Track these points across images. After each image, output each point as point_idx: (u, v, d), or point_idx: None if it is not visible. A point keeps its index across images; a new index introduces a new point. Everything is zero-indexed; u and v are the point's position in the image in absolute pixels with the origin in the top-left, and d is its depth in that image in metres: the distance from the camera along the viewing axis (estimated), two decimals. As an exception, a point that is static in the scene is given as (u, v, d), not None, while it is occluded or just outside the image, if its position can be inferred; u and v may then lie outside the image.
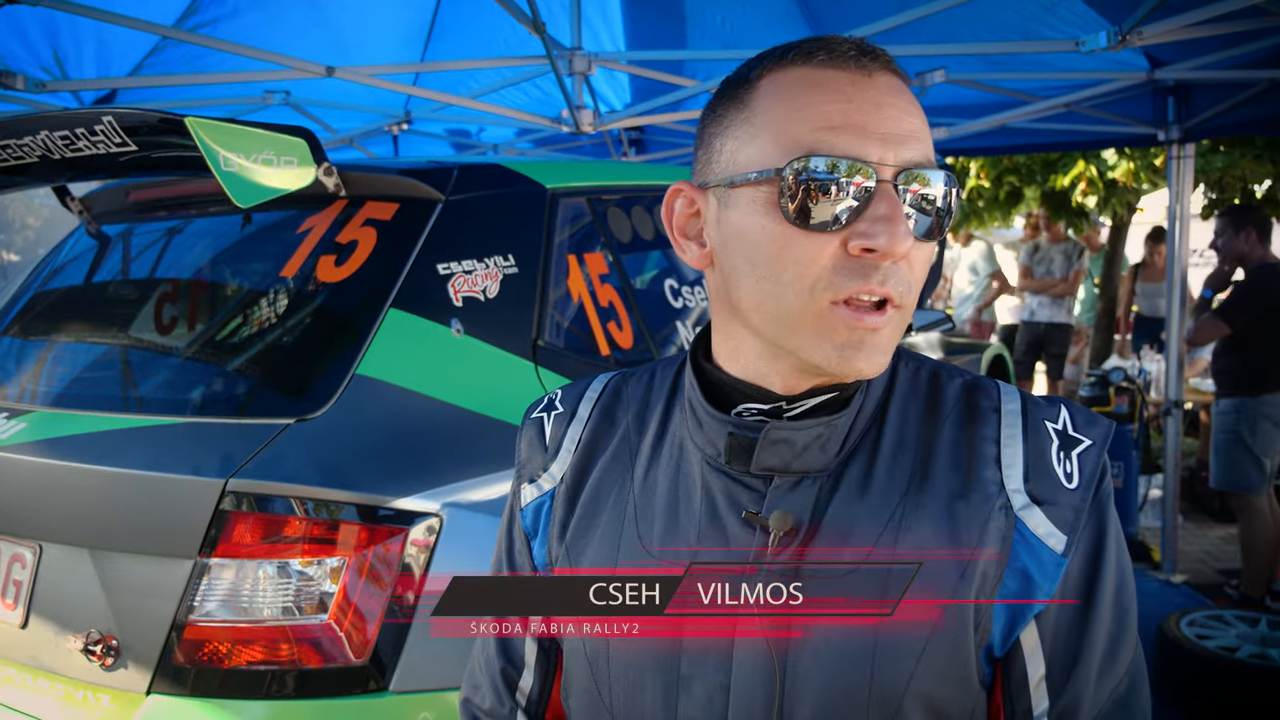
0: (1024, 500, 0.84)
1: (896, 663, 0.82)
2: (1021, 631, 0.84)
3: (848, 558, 0.84)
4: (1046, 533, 0.83)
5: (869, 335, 0.79)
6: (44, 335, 2.16)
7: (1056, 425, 0.87)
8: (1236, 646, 3.45)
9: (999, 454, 0.86)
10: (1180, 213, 4.65)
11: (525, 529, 1.03)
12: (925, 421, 0.89)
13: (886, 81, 0.80)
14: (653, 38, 4.71)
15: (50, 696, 1.67)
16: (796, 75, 0.81)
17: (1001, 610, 0.83)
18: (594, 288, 2.20)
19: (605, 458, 0.99)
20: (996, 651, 0.85)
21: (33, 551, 1.71)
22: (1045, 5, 3.58)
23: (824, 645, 0.83)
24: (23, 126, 1.80)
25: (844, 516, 0.86)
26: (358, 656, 1.54)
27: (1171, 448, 4.76)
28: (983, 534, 0.83)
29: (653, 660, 0.89)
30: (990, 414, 0.89)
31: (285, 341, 1.82)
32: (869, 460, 0.88)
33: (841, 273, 0.78)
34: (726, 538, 0.88)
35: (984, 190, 8.77)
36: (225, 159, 1.67)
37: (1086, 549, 0.85)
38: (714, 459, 0.90)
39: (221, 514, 1.54)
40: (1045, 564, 0.83)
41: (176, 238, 2.25)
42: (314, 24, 4.29)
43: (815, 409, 0.87)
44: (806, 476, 0.87)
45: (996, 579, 0.83)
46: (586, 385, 1.06)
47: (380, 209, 1.97)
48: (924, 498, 0.85)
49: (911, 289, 0.81)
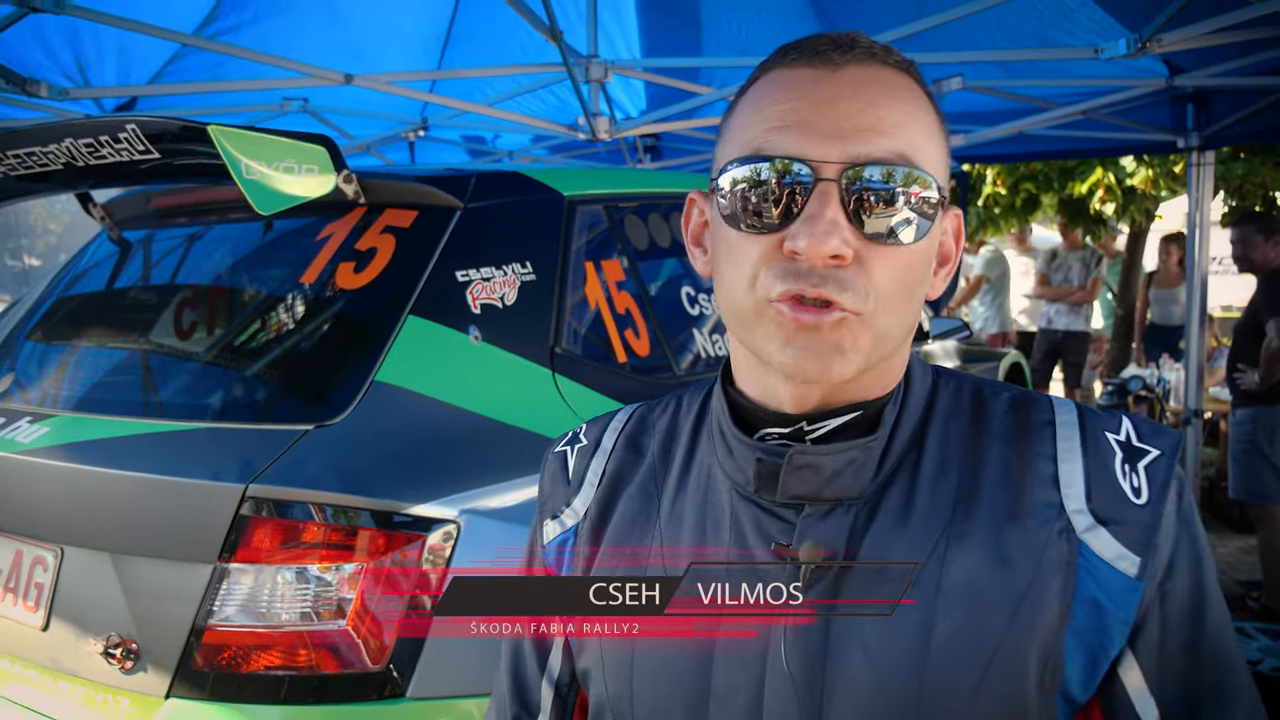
0: (1088, 521, 0.76)
1: (942, 709, 0.74)
2: (1122, 670, 0.76)
3: (886, 593, 0.77)
4: (1115, 555, 0.75)
5: (811, 333, 0.73)
6: (66, 340, 2.18)
7: (1119, 436, 0.79)
8: (1259, 660, 3.42)
9: (1056, 472, 0.78)
10: (1200, 220, 4.62)
11: (548, 566, 0.97)
12: (970, 441, 0.82)
13: (854, 74, 0.75)
14: (668, 45, 4.72)
15: (70, 699, 1.68)
16: (770, 77, 0.79)
17: (1075, 647, 0.75)
18: (611, 295, 2.21)
19: (631, 489, 0.93)
20: (1077, 694, 0.77)
21: (54, 555, 1.72)
22: (1063, 12, 3.57)
23: (861, 689, 0.76)
24: (48, 134, 1.82)
25: (882, 548, 0.78)
26: (375, 663, 1.55)
27: (1190, 457, 4.73)
28: (1040, 563, 0.75)
29: (679, 704, 0.83)
30: (1044, 428, 0.81)
31: (304, 348, 1.83)
32: (909, 485, 0.80)
33: (774, 272, 0.74)
34: (756, 572, 0.81)
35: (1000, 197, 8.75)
36: (247, 167, 1.68)
37: (1187, 572, 0.77)
38: (743, 487, 0.84)
39: (241, 519, 1.54)
40: (1117, 591, 0.75)
41: (197, 244, 2.27)
42: (332, 32, 4.32)
43: (842, 430, 0.81)
44: (840, 504, 0.80)
45: (1062, 612, 0.75)
46: (611, 417, 1.01)
47: (399, 216, 1.98)
48: (971, 525, 0.78)
49: (868, 296, 0.73)
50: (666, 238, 2.49)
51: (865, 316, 0.74)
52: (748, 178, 0.75)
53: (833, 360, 0.74)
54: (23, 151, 1.87)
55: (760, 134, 0.76)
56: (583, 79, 3.73)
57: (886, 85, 0.76)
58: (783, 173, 0.73)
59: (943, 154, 0.80)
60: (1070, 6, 3.52)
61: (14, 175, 1.96)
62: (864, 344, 0.75)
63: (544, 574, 0.97)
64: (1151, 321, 7.93)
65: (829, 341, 0.74)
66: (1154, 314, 7.89)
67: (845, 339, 0.74)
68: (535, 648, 0.98)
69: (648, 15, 4.60)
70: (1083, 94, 4.34)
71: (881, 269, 0.74)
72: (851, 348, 0.74)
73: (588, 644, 0.90)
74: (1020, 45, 3.87)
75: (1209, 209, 4.74)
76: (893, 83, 0.76)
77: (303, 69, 3.58)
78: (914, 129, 0.75)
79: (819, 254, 0.72)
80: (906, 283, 0.76)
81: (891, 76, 0.77)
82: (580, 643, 0.92)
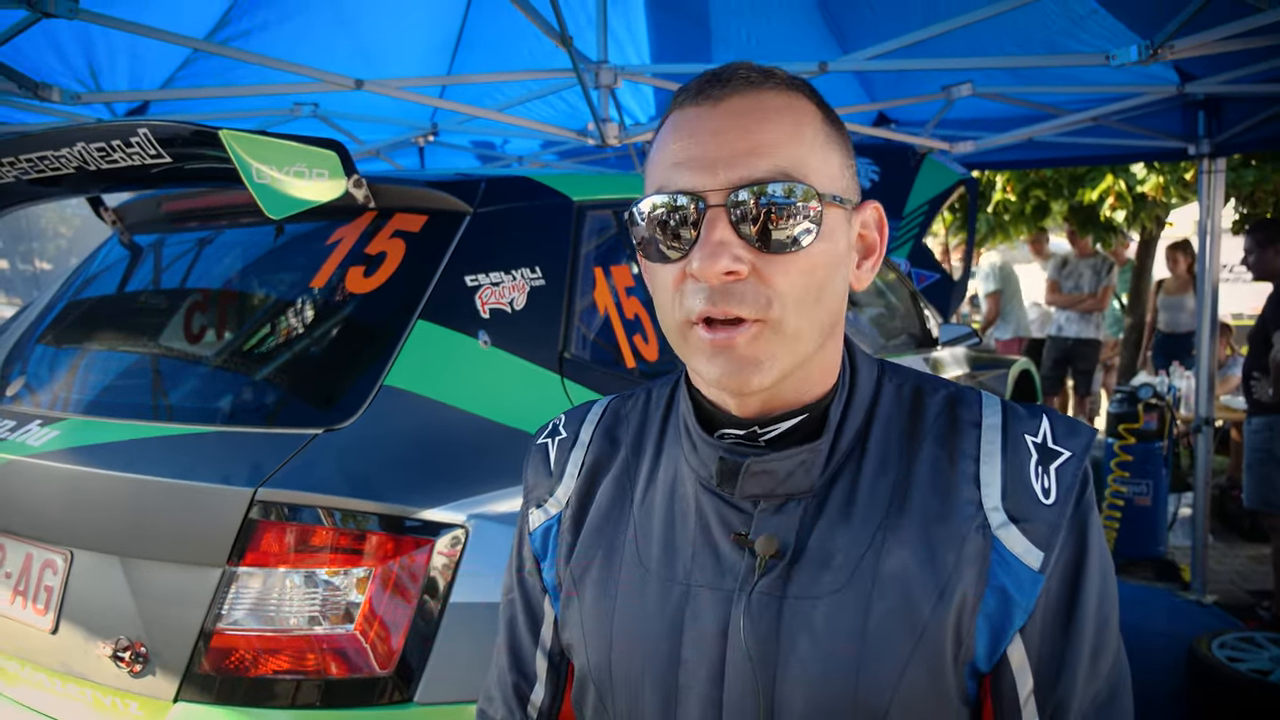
0: (1001, 519, 0.85)
1: (878, 682, 0.84)
2: (1008, 647, 0.86)
3: (830, 580, 0.87)
4: (1024, 550, 0.85)
5: (728, 351, 0.82)
6: (76, 344, 2.19)
7: (1036, 439, 0.89)
8: (1269, 670, 3.38)
9: (978, 472, 0.88)
10: (1211, 228, 4.60)
11: (535, 551, 1.07)
12: (907, 439, 0.91)
13: (733, 104, 0.83)
14: (678, 51, 4.72)
15: (79, 702, 1.68)
16: (670, 120, 0.88)
17: (983, 628, 0.85)
18: (620, 300, 2.21)
19: (607, 480, 1.03)
20: (981, 667, 0.87)
21: (64, 558, 1.73)
22: (1074, 19, 3.56)
23: (809, 664, 0.85)
24: (60, 139, 1.82)
25: (827, 540, 0.88)
26: (383, 667, 1.55)
27: (1202, 466, 4.70)
28: (960, 555, 0.85)
29: (651, 675, 0.92)
30: (970, 429, 0.90)
31: (314, 352, 1.83)
32: (852, 482, 0.90)
33: (686, 294, 0.83)
34: (719, 558, 0.91)
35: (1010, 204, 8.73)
36: (258, 171, 1.69)
37: (1066, 564, 0.86)
38: (706, 481, 0.93)
39: (250, 523, 1.55)
40: (1023, 581, 0.84)
41: (207, 248, 2.28)
42: (343, 37, 4.34)
43: (792, 430, 0.90)
44: (791, 499, 0.89)
45: (976, 598, 0.85)
46: (588, 409, 1.10)
47: (409, 221, 1.98)
48: (903, 519, 0.87)
49: (773, 303, 0.81)
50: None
51: (772, 323, 0.81)
52: (653, 212, 0.84)
53: (749, 373, 0.82)
54: (35, 155, 1.88)
55: (661, 173, 0.85)
56: (592, 84, 3.73)
57: (764, 110, 0.83)
58: (677, 205, 0.82)
59: (837, 161, 0.87)
60: (1080, 13, 3.51)
61: (26, 179, 1.97)
62: (778, 350, 0.83)
63: (531, 556, 1.07)
64: (1159, 329, 7.90)
65: (744, 356, 0.82)
66: (1162, 321, 7.86)
67: (760, 350, 0.82)
68: (528, 622, 1.07)
69: (657, 21, 4.60)
70: (1093, 100, 4.33)
71: (781, 276, 0.81)
72: (767, 357, 0.82)
73: (571, 620, 1.00)
74: (1030, 51, 3.86)
75: (1220, 216, 4.72)
76: (771, 105, 0.84)
77: (313, 74, 3.59)
78: (795, 145, 0.83)
79: (713, 272, 0.80)
80: (810, 284, 0.83)
81: (771, 100, 0.84)
82: (565, 619, 1.02)
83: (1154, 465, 5.02)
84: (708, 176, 0.81)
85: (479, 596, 1.62)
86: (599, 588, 0.98)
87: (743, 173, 0.81)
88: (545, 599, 1.07)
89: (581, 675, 1.00)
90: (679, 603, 0.92)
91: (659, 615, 0.92)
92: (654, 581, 0.94)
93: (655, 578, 0.94)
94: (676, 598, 0.92)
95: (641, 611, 0.94)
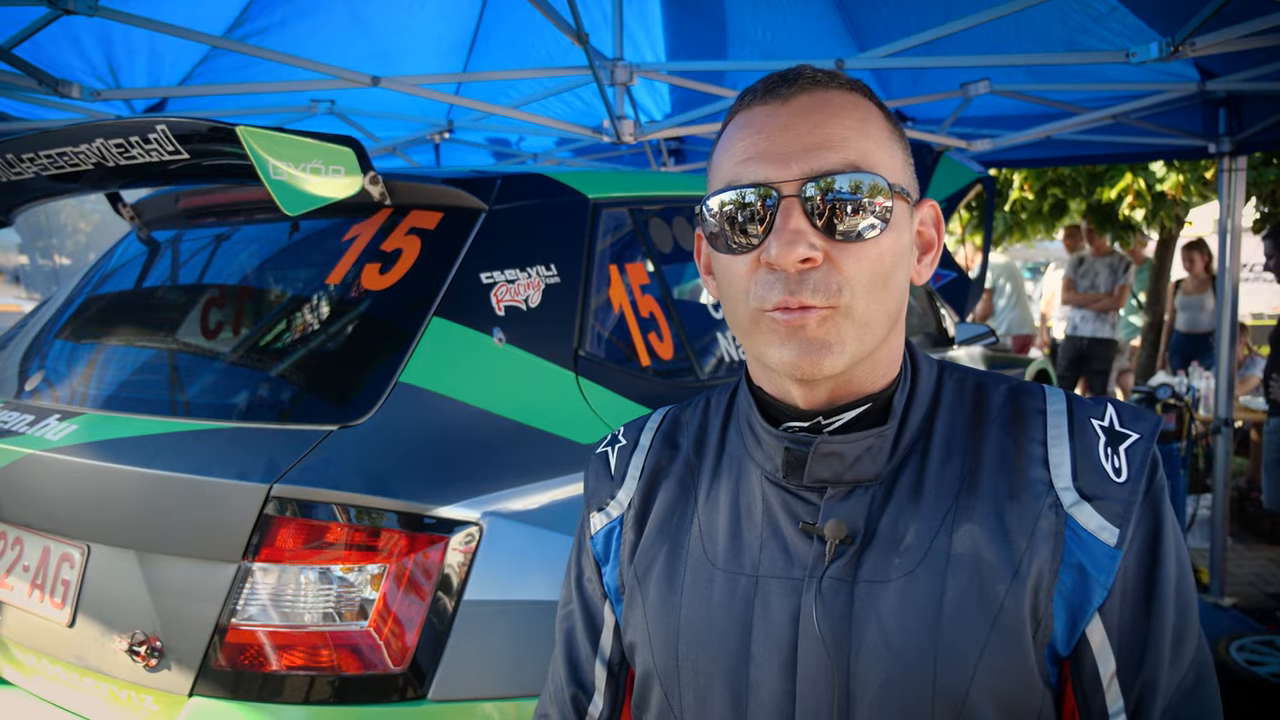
0: (1074, 497, 0.86)
1: (957, 663, 0.84)
2: (1087, 627, 0.85)
3: (902, 563, 0.87)
4: (1098, 527, 0.85)
5: (800, 333, 0.84)
6: (94, 339, 2.20)
7: (1103, 422, 0.89)
8: (1288, 673, 3.36)
9: (1046, 454, 0.89)
10: (1231, 227, 4.55)
11: (596, 555, 1.08)
12: (972, 428, 0.93)
13: (803, 101, 0.87)
14: (693, 48, 4.71)
15: (95, 696, 1.69)
16: (736, 120, 0.91)
17: (1061, 607, 0.85)
18: (635, 298, 2.20)
19: (669, 481, 1.04)
20: (1061, 650, 0.86)
21: (81, 552, 1.74)
22: (1093, 16, 3.53)
23: (884, 647, 0.85)
24: (79, 135, 1.83)
25: (897, 523, 0.89)
26: (396, 664, 1.55)
27: (1221, 467, 4.66)
28: (1034, 532, 0.85)
29: (721, 670, 0.92)
30: (1035, 415, 0.92)
31: (329, 348, 1.84)
32: (919, 469, 0.91)
33: (759, 284, 0.85)
34: (787, 548, 0.92)
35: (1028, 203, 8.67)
36: (274, 167, 1.69)
37: (1143, 541, 0.86)
38: (772, 474, 0.94)
39: (265, 519, 1.55)
40: (1099, 558, 0.84)
41: (224, 244, 2.29)
42: (359, 35, 4.35)
43: (855, 421, 0.91)
44: (859, 485, 0.91)
45: (1052, 575, 0.85)
46: (647, 418, 1.13)
47: (425, 218, 1.98)
48: (974, 500, 0.88)
49: (842, 290, 0.83)
50: (691, 241, 2.48)
51: (843, 308, 0.84)
52: (725, 205, 0.87)
53: (822, 355, 0.84)
54: (54, 152, 1.89)
55: (731, 168, 0.88)
56: (608, 82, 3.73)
57: (831, 106, 0.87)
58: (752, 197, 0.85)
59: (900, 157, 0.90)
60: (1100, 10, 3.48)
61: (45, 175, 1.98)
62: (848, 335, 0.85)
63: (591, 562, 1.09)
64: (1177, 329, 7.83)
65: (816, 339, 0.84)
66: (1180, 321, 7.79)
67: (830, 334, 0.84)
68: (587, 630, 1.07)
69: (673, 19, 4.60)
70: (1112, 98, 4.29)
71: (851, 263, 0.84)
72: (837, 341, 0.84)
73: (635, 620, 1.00)
74: (1048, 49, 3.83)
75: (1240, 215, 4.67)
76: (838, 103, 0.87)
77: (330, 71, 3.60)
78: (862, 139, 0.86)
79: (790, 260, 0.82)
80: (879, 273, 0.85)
81: (837, 98, 0.88)
82: (628, 619, 1.02)
83: (1172, 466, 4.97)
84: (780, 169, 0.84)
85: (493, 594, 1.63)
86: (664, 585, 0.98)
87: (815, 164, 0.83)
88: (605, 605, 1.07)
89: (645, 676, 0.99)
90: (747, 595, 0.92)
91: (726, 609, 0.92)
92: (721, 576, 0.94)
93: (722, 572, 0.94)
94: (744, 590, 0.92)
95: (708, 606, 0.94)
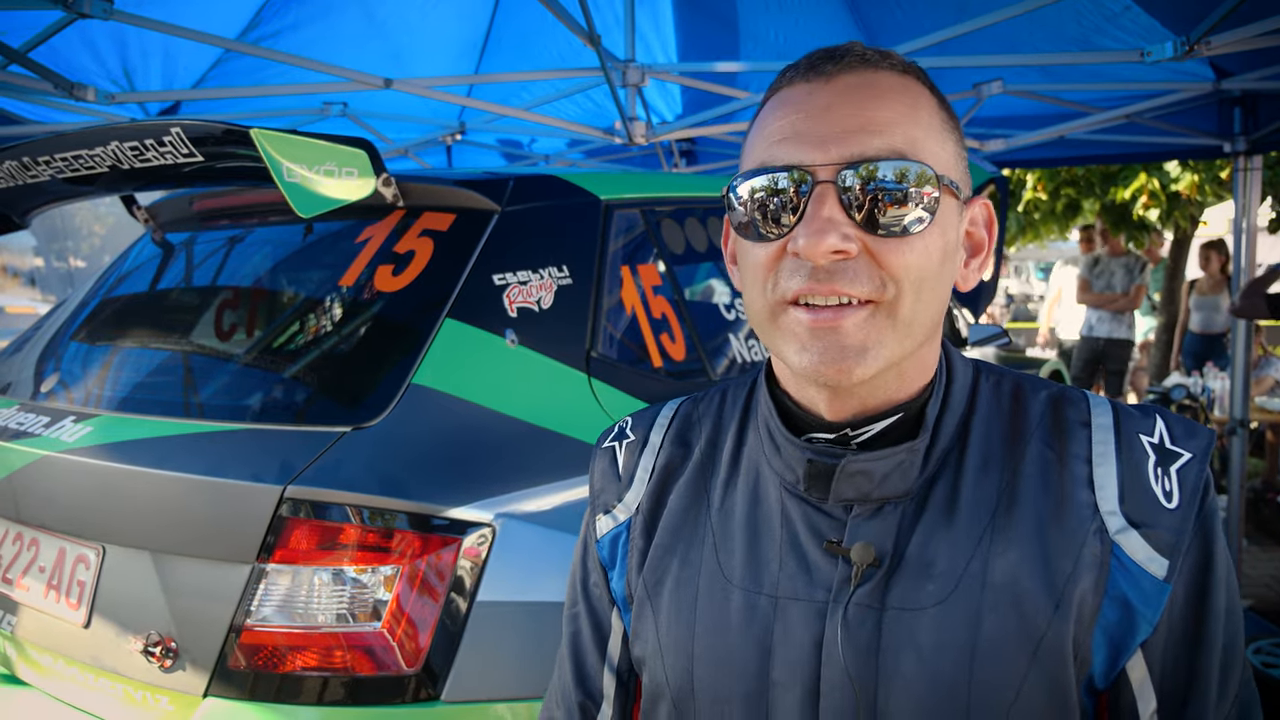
0: (1120, 523, 0.79)
1: (993, 699, 0.77)
2: (1127, 663, 0.79)
3: (934, 590, 0.79)
4: (1146, 558, 0.78)
5: (830, 335, 0.75)
6: (109, 341, 2.21)
7: (1152, 439, 0.82)
8: (1305, 677, 3.33)
9: (1091, 474, 0.80)
10: (1246, 226, 4.52)
11: (602, 561, 1.00)
12: (1010, 439, 0.84)
13: (847, 81, 0.79)
14: (705, 49, 4.70)
15: (111, 696, 1.70)
16: (774, 99, 0.83)
17: (1101, 641, 0.78)
18: (647, 299, 2.20)
19: (681, 484, 0.96)
20: (1099, 684, 0.80)
21: (96, 553, 1.75)
22: (1107, 15, 3.51)
23: (915, 681, 0.79)
24: (95, 138, 1.84)
25: (928, 545, 0.81)
26: (410, 665, 1.55)
27: (1236, 468, 4.62)
28: (1078, 561, 0.78)
29: (740, 696, 0.85)
30: (1079, 429, 0.83)
31: (343, 350, 1.84)
32: (952, 484, 0.83)
33: (784, 273, 0.77)
34: (809, 568, 0.84)
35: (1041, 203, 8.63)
36: (288, 170, 1.70)
37: (1192, 571, 0.79)
38: (792, 485, 0.87)
39: (279, 520, 1.56)
40: (1146, 591, 0.78)
41: (238, 246, 2.30)
42: (372, 37, 4.36)
43: (885, 432, 0.83)
44: (888, 502, 0.83)
45: (1094, 608, 0.78)
46: (657, 412, 1.04)
47: (437, 219, 1.99)
48: (1013, 521, 0.80)
49: (887, 285, 0.75)
50: (703, 242, 2.47)
51: (886, 304, 0.76)
52: (754, 189, 0.78)
53: (852, 361, 0.76)
54: (70, 155, 1.90)
55: (764, 149, 0.80)
56: (620, 83, 3.73)
57: (878, 88, 0.78)
58: (784, 181, 0.77)
59: (952, 149, 0.81)
60: (1114, 10, 3.46)
61: (61, 178, 1.99)
62: (888, 338, 0.76)
63: (598, 567, 1.01)
64: (1191, 329, 7.78)
65: (850, 343, 0.76)
66: (1195, 322, 7.75)
67: (869, 336, 0.76)
68: (594, 637, 1.01)
69: (685, 20, 4.59)
70: (1126, 98, 4.26)
71: (895, 259, 0.75)
72: (874, 344, 0.76)
73: (645, 634, 0.93)
74: (1062, 48, 3.81)
75: (1256, 215, 4.64)
76: (886, 85, 0.79)
77: (343, 74, 3.61)
78: (911, 126, 0.77)
79: (819, 250, 0.74)
80: (925, 271, 0.77)
81: (886, 79, 0.79)
82: (637, 631, 0.95)
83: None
84: (817, 152, 0.76)
85: (506, 595, 1.63)
86: (676, 600, 0.90)
87: (855, 149, 0.75)
88: (613, 613, 1.00)
89: (655, 692, 0.93)
90: (766, 617, 0.85)
91: (745, 631, 0.85)
92: (738, 594, 0.87)
93: (739, 590, 0.87)
94: (763, 612, 0.85)
95: (725, 627, 0.87)
